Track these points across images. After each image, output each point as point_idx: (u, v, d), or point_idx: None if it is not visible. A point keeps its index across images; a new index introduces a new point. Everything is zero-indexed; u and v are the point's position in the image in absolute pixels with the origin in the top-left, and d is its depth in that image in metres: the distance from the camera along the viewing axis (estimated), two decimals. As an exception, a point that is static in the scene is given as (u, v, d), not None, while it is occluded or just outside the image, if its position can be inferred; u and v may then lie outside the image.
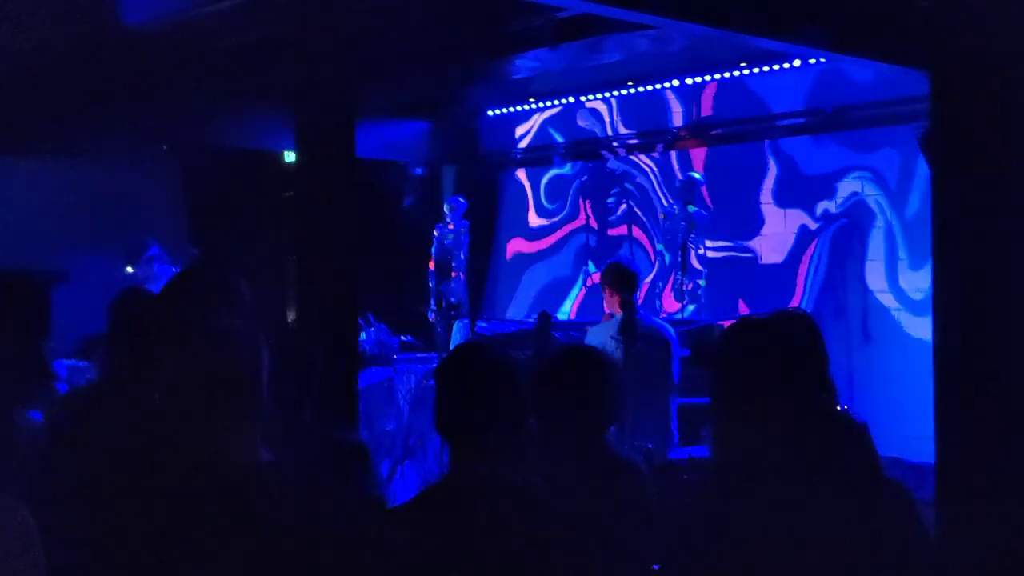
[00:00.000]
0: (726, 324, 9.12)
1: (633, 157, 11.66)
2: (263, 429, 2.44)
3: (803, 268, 10.34)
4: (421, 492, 2.68)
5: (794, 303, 10.00)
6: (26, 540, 2.36)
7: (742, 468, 2.72)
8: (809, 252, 10.32)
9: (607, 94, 11.46)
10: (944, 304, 6.27)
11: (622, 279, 7.00)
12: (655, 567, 4.57)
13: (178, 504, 2.29)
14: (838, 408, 3.55)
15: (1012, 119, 5.90)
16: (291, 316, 10.69)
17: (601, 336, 6.94)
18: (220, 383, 2.36)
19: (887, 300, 9.76)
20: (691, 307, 9.76)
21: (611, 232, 11.76)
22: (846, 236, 10.08)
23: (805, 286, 10.26)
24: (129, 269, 9.20)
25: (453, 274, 10.38)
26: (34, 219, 10.22)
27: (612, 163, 11.77)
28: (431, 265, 10.51)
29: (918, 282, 9.42)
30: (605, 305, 7.18)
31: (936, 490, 6.21)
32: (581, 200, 11.99)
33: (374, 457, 3.76)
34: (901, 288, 9.66)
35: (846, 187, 10.08)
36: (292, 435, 2.81)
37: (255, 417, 2.43)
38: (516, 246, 12.75)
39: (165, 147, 11.24)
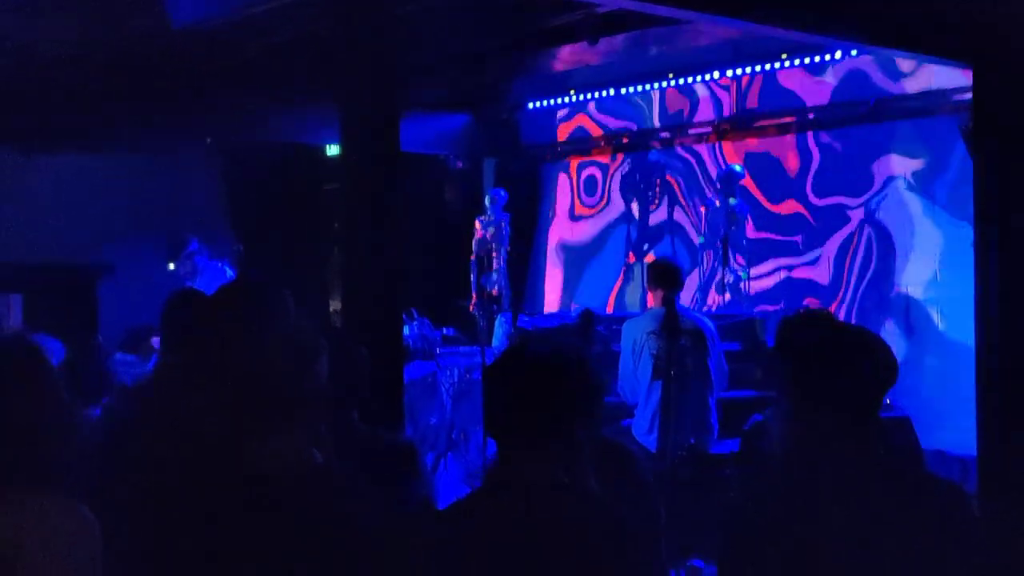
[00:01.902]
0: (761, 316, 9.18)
1: (675, 149, 11.66)
2: (316, 432, 2.48)
3: None
4: (472, 493, 2.72)
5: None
6: (86, 539, 2.42)
7: (810, 465, 2.79)
8: None
9: (648, 86, 11.45)
10: (985, 291, 6.29)
11: (666, 275, 7.03)
12: (697, 563, 4.62)
13: (233, 505, 2.34)
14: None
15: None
16: (333, 307, 10.83)
17: (637, 330, 6.97)
18: (274, 386, 2.40)
19: None
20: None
21: (652, 224, 11.76)
22: None
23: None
24: (171, 266, 9.32)
25: (494, 267, 10.43)
26: (81, 213, 10.37)
27: (653, 155, 11.78)
28: (472, 258, 10.56)
29: None
30: (649, 300, 7.21)
31: (979, 482, 6.24)
32: (622, 192, 12.00)
33: (419, 451, 3.80)
34: None
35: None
36: (341, 436, 2.85)
37: (309, 420, 2.46)
38: (558, 238, 12.77)
39: (208, 140, 11.35)
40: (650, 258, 11.15)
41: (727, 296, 9.81)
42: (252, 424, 2.38)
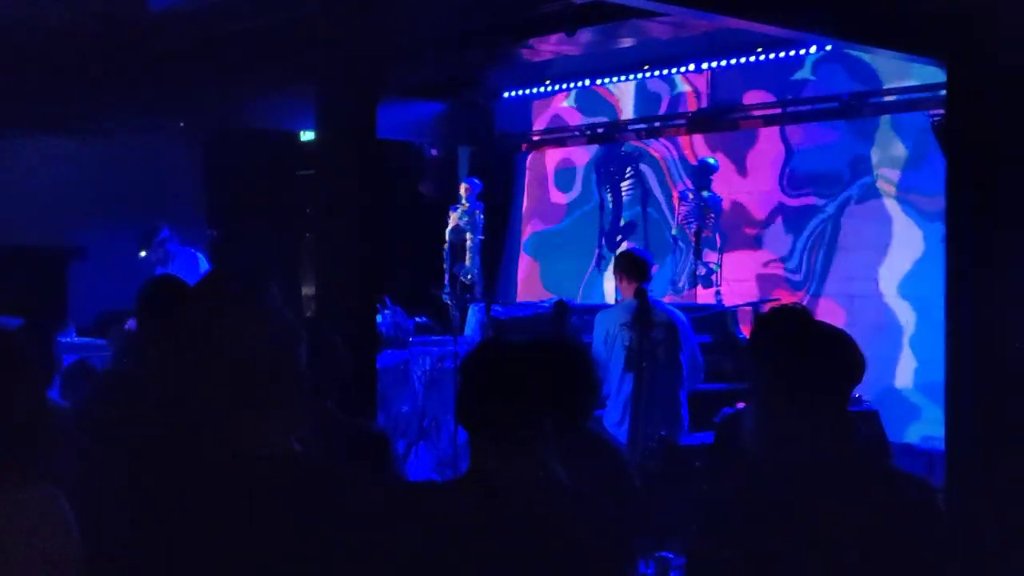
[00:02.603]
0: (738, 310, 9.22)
1: (649, 140, 11.68)
2: (297, 420, 2.47)
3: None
4: (444, 484, 2.73)
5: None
6: (63, 528, 2.40)
7: (780, 458, 2.83)
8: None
9: (623, 77, 11.45)
10: (957, 285, 6.35)
11: (636, 267, 7.05)
12: (666, 554, 4.64)
13: (214, 493, 2.32)
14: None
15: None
16: (305, 292, 10.80)
17: (610, 322, 7.00)
18: (257, 374, 2.38)
19: None
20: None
21: (626, 215, 11.79)
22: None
23: None
24: (143, 254, 9.30)
25: (468, 256, 10.43)
26: (54, 195, 10.31)
27: (628, 146, 11.80)
28: (446, 247, 10.55)
29: None
30: (620, 291, 7.24)
31: (947, 477, 6.30)
32: (596, 183, 12.02)
33: (391, 441, 3.80)
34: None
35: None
36: (315, 424, 2.85)
37: (291, 409, 2.45)
38: (532, 228, 12.78)
39: (182, 124, 11.31)
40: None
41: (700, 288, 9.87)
42: (235, 411, 2.37)
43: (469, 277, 10.35)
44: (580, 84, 11.74)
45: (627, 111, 11.88)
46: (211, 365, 2.38)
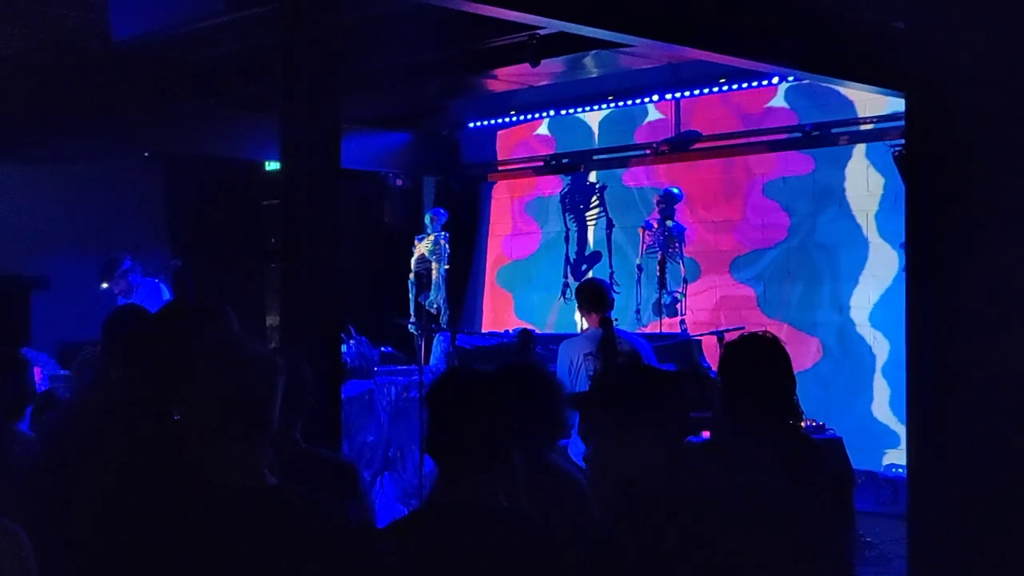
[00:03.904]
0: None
1: (616, 170, 11.73)
2: (268, 452, 2.46)
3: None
4: (411, 513, 2.72)
5: None
6: (20, 559, 2.37)
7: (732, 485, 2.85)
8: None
9: (588, 108, 11.52)
10: (916, 314, 6.41)
11: (595, 297, 7.05)
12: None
13: (181, 527, 2.31)
14: (803, 426, 3.74)
15: (983, 137, 6.05)
16: (270, 322, 10.77)
17: (574, 351, 6.99)
18: (225, 403, 2.37)
19: None
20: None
21: (590, 244, 11.83)
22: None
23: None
24: (105, 285, 9.25)
25: (433, 285, 10.43)
26: (16, 225, 10.24)
27: (593, 176, 11.84)
28: (411, 276, 10.55)
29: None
30: (584, 321, 7.24)
31: (909, 503, 6.34)
32: (562, 213, 12.05)
33: (359, 471, 3.78)
34: None
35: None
36: (284, 455, 2.84)
37: (264, 440, 2.44)
38: (496, 257, 12.78)
39: (146, 154, 11.29)
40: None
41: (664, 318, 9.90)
42: (203, 442, 2.36)
43: (435, 307, 10.35)
44: (545, 114, 11.78)
45: (592, 141, 11.93)
46: (176, 395, 2.37)
